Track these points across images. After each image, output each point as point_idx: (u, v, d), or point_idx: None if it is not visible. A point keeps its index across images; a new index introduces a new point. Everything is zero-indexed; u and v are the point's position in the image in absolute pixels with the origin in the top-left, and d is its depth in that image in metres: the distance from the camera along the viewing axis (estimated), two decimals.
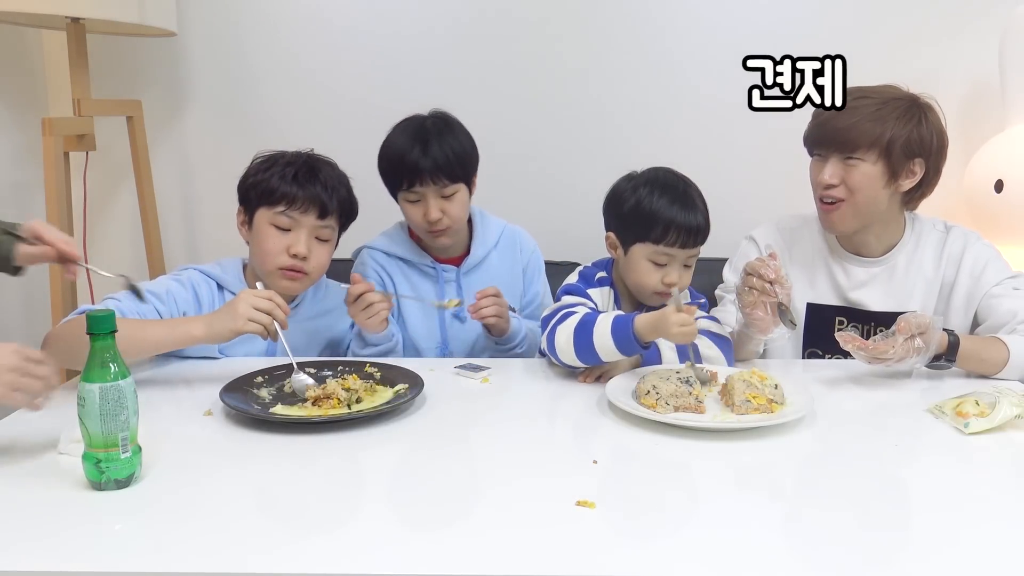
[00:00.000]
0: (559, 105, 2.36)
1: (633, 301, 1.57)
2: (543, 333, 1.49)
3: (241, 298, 1.41)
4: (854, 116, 1.56)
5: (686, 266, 1.51)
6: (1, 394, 1.07)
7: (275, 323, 1.40)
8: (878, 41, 2.29)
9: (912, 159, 1.57)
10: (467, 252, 1.81)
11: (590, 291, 1.53)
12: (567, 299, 1.50)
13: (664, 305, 1.45)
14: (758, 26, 2.32)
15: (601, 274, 1.58)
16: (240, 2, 2.36)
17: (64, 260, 1.33)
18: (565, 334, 1.40)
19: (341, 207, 1.63)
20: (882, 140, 1.54)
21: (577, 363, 1.42)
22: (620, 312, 1.43)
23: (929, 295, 1.65)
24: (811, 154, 1.65)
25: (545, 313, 1.52)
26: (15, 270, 1.34)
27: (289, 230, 1.59)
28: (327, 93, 2.39)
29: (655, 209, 1.46)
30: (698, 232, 1.47)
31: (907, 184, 1.60)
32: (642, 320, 1.35)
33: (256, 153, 1.67)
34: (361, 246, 1.83)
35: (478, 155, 1.74)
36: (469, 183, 1.72)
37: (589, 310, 1.46)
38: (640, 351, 1.39)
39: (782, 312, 1.41)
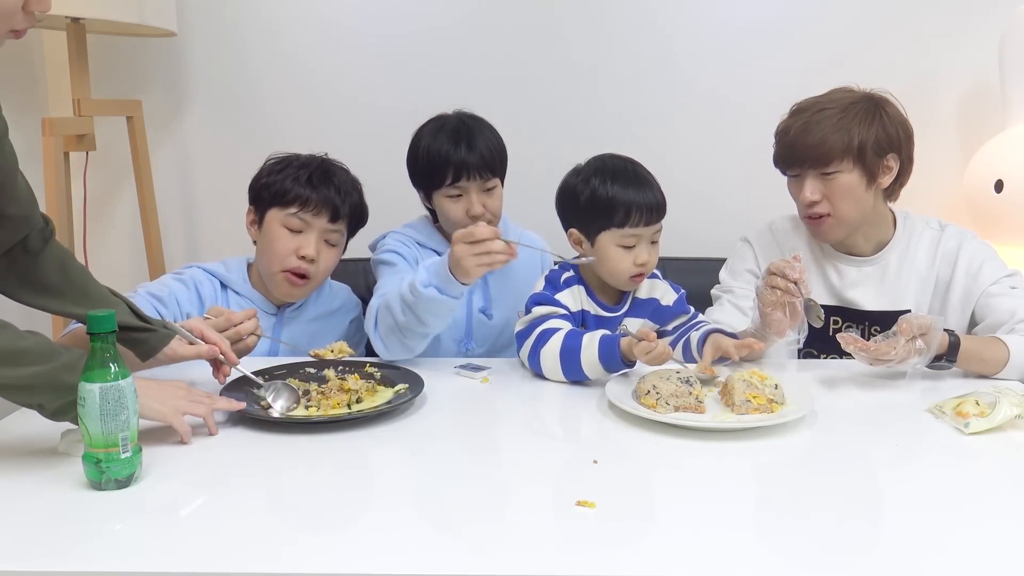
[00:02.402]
0: (559, 105, 2.36)
1: (607, 292, 1.58)
2: (520, 348, 1.51)
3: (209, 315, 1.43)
4: (820, 130, 1.56)
5: (652, 242, 1.54)
6: (168, 414, 1.15)
7: (253, 335, 1.42)
8: (878, 41, 2.29)
9: (884, 156, 1.58)
10: None
11: (559, 296, 1.54)
12: (538, 310, 1.51)
13: (633, 293, 1.58)
14: (759, 27, 2.32)
15: (567, 274, 1.58)
16: (240, 2, 2.36)
17: (218, 363, 1.35)
18: (551, 359, 1.43)
19: (352, 212, 1.66)
20: (852, 147, 1.55)
21: (564, 380, 1.45)
22: (603, 332, 1.43)
23: (923, 293, 1.66)
24: (785, 174, 1.66)
25: (519, 328, 1.53)
26: (144, 357, 1.31)
27: (300, 232, 1.60)
28: (327, 93, 2.39)
29: (613, 195, 1.49)
30: (658, 207, 1.51)
31: (886, 180, 1.61)
32: (624, 344, 1.38)
33: (269, 154, 1.68)
34: (384, 233, 1.79)
35: (506, 152, 1.78)
36: (503, 178, 1.76)
37: (564, 321, 1.48)
38: (627, 367, 1.41)
39: (809, 307, 1.43)
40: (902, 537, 0.92)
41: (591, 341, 1.40)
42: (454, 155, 1.65)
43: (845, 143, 1.55)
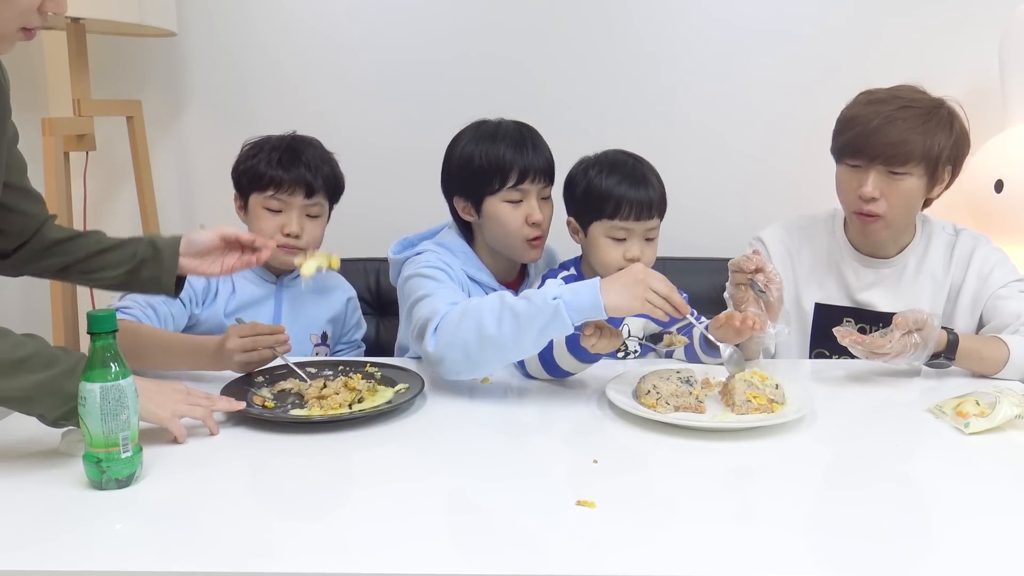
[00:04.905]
0: (558, 106, 2.36)
1: None
2: None
3: (229, 336, 1.41)
4: (904, 128, 1.50)
5: (648, 239, 1.54)
6: (165, 418, 1.15)
7: (272, 349, 1.42)
8: (878, 41, 2.29)
9: (946, 167, 1.56)
10: (521, 274, 1.74)
11: None
12: None
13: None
14: (758, 26, 2.32)
15: (564, 273, 1.59)
16: (240, 2, 2.36)
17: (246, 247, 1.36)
18: (532, 358, 1.41)
19: (327, 184, 1.72)
20: (931, 154, 1.51)
21: (547, 376, 1.44)
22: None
23: (938, 297, 1.65)
24: (842, 162, 1.59)
25: None
26: (177, 287, 1.35)
27: (280, 211, 1.69)
28: (327, 93, 2.39)
29: (606, 187, 1.51)
30: (651, 204, 1.51)
31: (938, 191, 1.59)
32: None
33: (245, 140, 1.75)
34: (407, 239, 1.69)
35: None
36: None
37: None
38: (597, 359, 1.39)
39: (753, 285, 1.42)
40: (901, 537, 0.93)
41: (559, 338, 1.36)
42: (520, 157, 1.56)
43: (927, 147, 1.50)
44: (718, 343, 1.35)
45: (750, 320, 1.34)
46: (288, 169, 1.67)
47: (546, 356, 1.39)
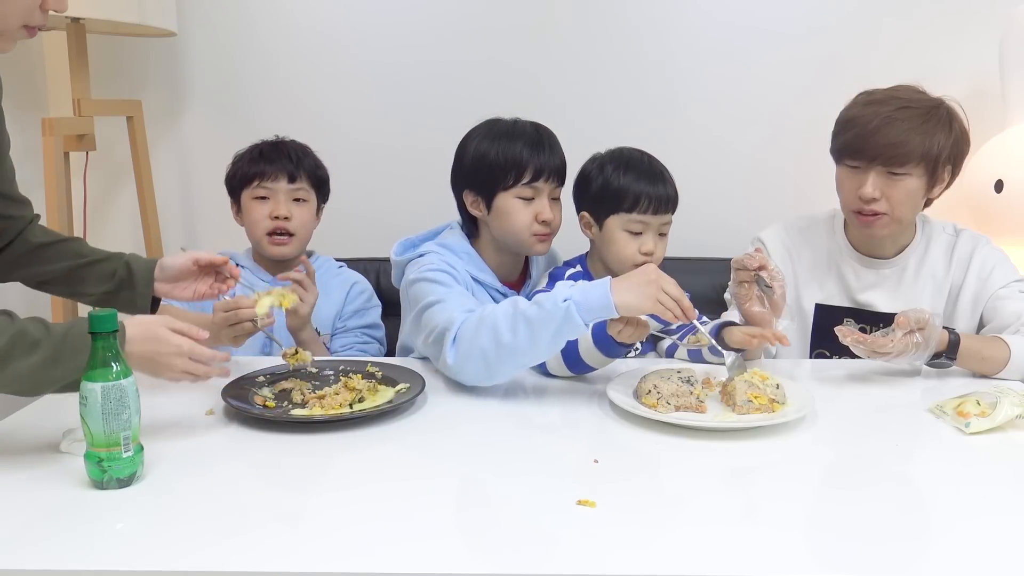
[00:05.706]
0: (558, 108, 2.36)
1: None
2: None
3: (215, 310, 1.49)
4: (903, 128, 1.50)
5: (661, 234, 1.58)
6: (173, 377, 1.16)
7: (253, 322, 1.46)
8: (878, 41, 2.29)
9: (946, 167, 1.56)
10: (524, 274, 1.74)
11: None
12: None
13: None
14: (757, 26, 2.32)
15: (571, 271, 1.61)
16: (240, 2, 2.36)
17: (218, 274, 1.41)
18: (555, 358, 1.41)
19: (309, 174, 1.83)
20: (931, 154, 1.51)
21: (569, 374, 1.45)
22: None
23: (938, 298, 1.65)
24: (842, 163, 1.59)
25: None
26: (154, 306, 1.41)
27: (267, 198, 1.79)
28: (328, 93, 2.39)
29: (625, 182, 1.55)
30: (668, 199, 1.55)
31: (938, 191, 1.59)
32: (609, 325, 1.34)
33: (242, 144, 1.85)
34: (408, 240, 1.68)
35: None
36: None
37: None
38: (624, 352, 1.39)
39: (759, 281, 1.42)
40: (902, 537, 0.93)
41: (585, 336, 1.37)
42: (536, 156, 1.58)
43: (926, 148, 1.50)
44: (723, 350, 1.36)
45: (771, 337, 1.37)
46: (271, 161, 1.80)
47: (570, 352, 1.40)
